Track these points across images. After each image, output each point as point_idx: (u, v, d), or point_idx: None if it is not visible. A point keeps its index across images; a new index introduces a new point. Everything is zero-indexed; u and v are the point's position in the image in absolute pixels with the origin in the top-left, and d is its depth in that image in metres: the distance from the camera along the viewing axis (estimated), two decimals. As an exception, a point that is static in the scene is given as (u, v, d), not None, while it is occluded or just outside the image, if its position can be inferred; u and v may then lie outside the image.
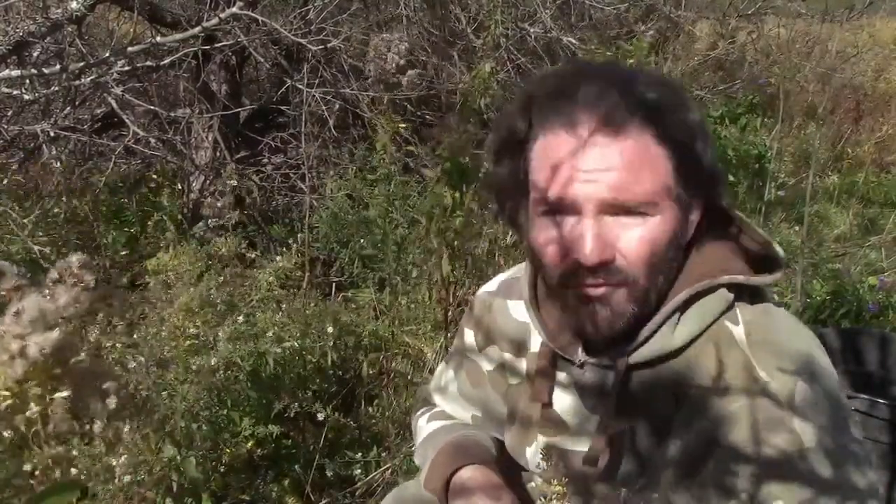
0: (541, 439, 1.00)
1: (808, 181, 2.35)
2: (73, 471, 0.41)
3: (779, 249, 0.90)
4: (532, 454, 1.03)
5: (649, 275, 0.85)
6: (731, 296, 0.88)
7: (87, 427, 0.39)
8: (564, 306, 0.91)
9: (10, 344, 0.37)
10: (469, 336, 1.12)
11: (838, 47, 5.63)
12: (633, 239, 0.84)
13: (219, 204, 2.95)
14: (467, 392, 1.14)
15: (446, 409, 1.18)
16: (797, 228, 3.51)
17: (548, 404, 0.98)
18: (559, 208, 0.85)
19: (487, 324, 1.09)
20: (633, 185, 0.82)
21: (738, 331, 0.87)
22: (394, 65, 1.92)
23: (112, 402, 0.40)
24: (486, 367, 1.09)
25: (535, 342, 1.01)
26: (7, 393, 0.38)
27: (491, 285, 1.12)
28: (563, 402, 0.98)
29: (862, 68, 5.69)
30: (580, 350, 0.94)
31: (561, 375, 0.97)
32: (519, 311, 1.04)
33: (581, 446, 0.96)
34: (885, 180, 4.69)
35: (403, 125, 2.24)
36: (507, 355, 1.06)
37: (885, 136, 5.09)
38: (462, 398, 1.15)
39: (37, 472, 0.41)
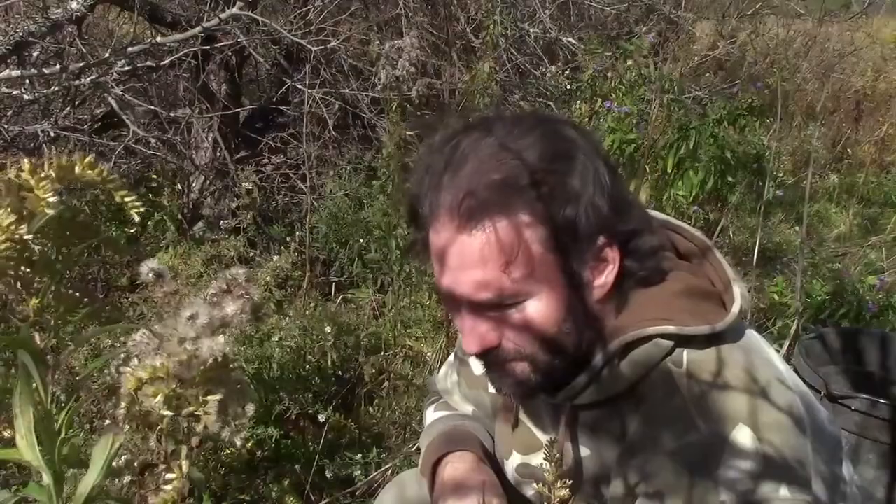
0: (515, 456, 1.02)
1: (807, 181, 2.35)
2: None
3: (737, 292, 0.86)
4: (510, 468, 1.05)
5: (547, 349, 0.84)
6: (669, 343, 0.84)
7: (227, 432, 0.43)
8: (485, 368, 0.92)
9: (186, 346, 0.41)
10: (461, 339, 1.14)
11: (837, 47, 5.63)
12: (515, 324, 0.82)
13: (234, 205, 2.94)
14: (465, 392, 1.17)
15: (450, 402, 1.21)
16: (797, 228, 3.51)
17: (515, 424, 1.01)
18: (445, 304, 0.87)
19: None
20: (496, 281, 0.80)
21: (679, 373, 0.84)
22: (404, 72, 1.92)
23: (251, 409, 0.43)
24: (476, 371, 1.11)
25: None
26: (173, 392, 0.41)
27: None
28: (531, 422, 1.00)
29: (862, 68, 5.70)
30: None
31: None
32: None
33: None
34: (885, 180, 4.70)
35: (410, 132, 2.24)
36: None
37: (885, 135, 5.09)
38: (463, 396, 1.18)
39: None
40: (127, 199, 0.49)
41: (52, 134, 2.77)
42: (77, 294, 0.48)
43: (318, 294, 2.58)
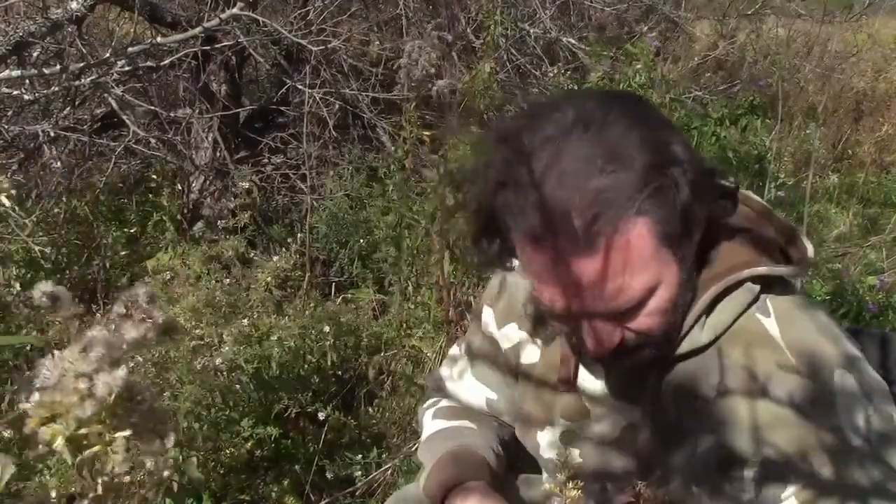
0: (561, 422, 0.99)
1: (807, 181, 2.35)
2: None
3: (806, 241, 0.88)
4: (548, 438, 1.02)
5: (665, 325, 0.84)
6: (757, 287, 0.86)
7: (142, 466, 0.40)
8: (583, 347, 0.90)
9: (78, 383, 0.37)
10: (487, 314, 1.10)
11: (838, 47, 5.63)
12: (640, 321, 0.82)
13: (231, 205, 2.94)
14: (483, 373, 1.12)
15: (459, 394, 1.16)
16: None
17: (572, 388, 0.97)
18: (556, 317, 0.85)
19: (506, 301, 1.07)
20: (624, 289, 0.79)
21: (770, 322, 0.86)
22: (424, 72, 1.92)
23: (170, 441, 0.40)
24: (505, 345, 1.07)
25: None
26: (75, 432, 0.38)
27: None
28: (588, 386, 0.97)
29: (862, 68, 5.69)
30: None
31: (586, 360, 0.96)
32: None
33: (603, 432, 0.96)
34: (885, 180, 4.69)
35: (428, 132, 2.24)
36: (525, 333, 1.04)
37: (885, 136, 5.08)
38: (477, 380, 1.13)
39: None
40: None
41: (52, 134, 2.77)
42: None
43: (318, 294, 2.58)
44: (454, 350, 1.20)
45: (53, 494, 0.42)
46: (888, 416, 0.82)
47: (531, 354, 1.04)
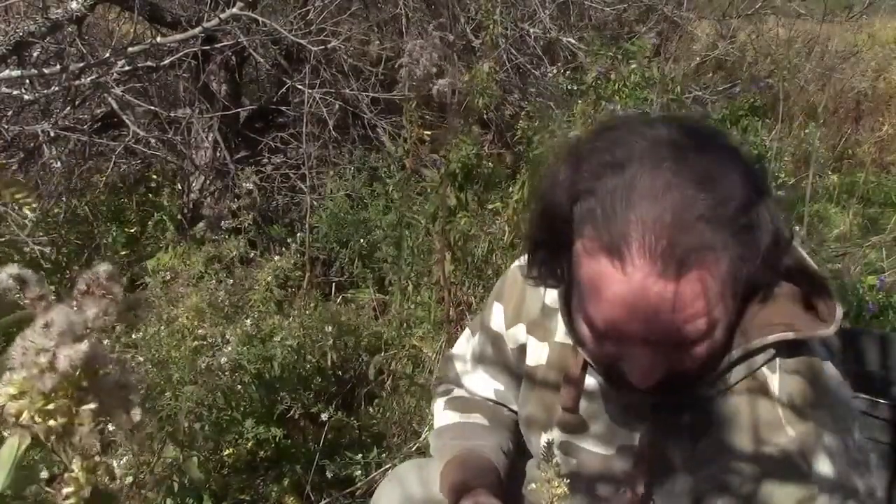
0: (556, 434, 1.00)
1: (807, 181, 2.35)
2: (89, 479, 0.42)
3: (838, 307, 0.85)
4: (547, 441, 1.02)
5: (707, 365, 0.83)
6: (773, 350, 0.85)
7: (111, 439, 0.41)
8: (608, 376, 0.90)
9: (39, 357, 0.38)
10: (497, 311, 1.09)
11: (838, 47, 5.63)
12: (690, 360, 0.80)
13: (234, 206, 2.94)
14: (490, 366, 1.13)
15: (469, 385, 1.17)
16: (797, 228, 3.51)
17: (573, 409, 0.97)
18: (607, 337, 0.81)
19: (517, 301, 1.06)
20: (690, 323, 0.75)
21: (774, 380, 0.85)
22: (426, 71, 1.91)
23: (136, 414, 0.41)
24: (510, 345, 1.07)
25: (562, 331, 0.99)
26: (42, 407, 0.39)
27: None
28: (588, 406, 0.97)
29: (862, 68, 5.69)
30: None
31: (590, 381, 0.96)
32: (551, 293, 1.00)
33: (598, 448, 0.97)
34: (885, 180, 4.69)
35: (428, 132, 2.23)
36: (532, 338, 1.04)
37: (885, 135, 5.08)
38: (485, 372, 1.14)
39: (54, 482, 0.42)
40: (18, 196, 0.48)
41: (52, 134, 2.77)
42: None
43: (318, 294, 2.58)
44: (466, 336, 1.20)
45: (43, 474, 0.42)
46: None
47: (535, 357, 1.04)
